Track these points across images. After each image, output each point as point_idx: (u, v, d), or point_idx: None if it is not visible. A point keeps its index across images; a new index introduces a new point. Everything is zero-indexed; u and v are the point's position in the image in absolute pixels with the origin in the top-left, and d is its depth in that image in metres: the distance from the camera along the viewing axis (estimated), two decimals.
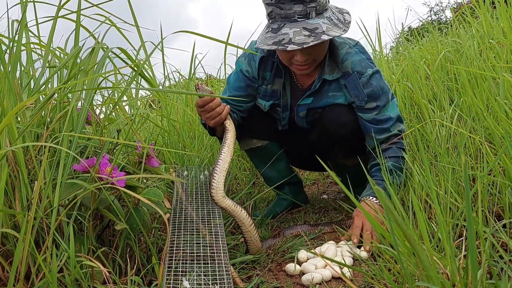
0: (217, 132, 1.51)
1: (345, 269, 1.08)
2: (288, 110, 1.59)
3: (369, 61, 1.46)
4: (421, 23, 4.61)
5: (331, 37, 1.28)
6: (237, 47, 1.74)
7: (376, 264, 1.01)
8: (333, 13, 1.35)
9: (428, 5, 9.78)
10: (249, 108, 1.61)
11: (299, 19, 1.29)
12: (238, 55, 1.67)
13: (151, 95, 2.40)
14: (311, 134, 1.58)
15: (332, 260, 0.74)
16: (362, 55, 1.46)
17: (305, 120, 1.57)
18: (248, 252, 1.30)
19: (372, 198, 1.35)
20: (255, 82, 1.57)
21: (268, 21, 1.36)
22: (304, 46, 1.26)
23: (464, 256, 0.73)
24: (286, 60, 1.42)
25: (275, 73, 1.54)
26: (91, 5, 1.36)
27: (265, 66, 1.54)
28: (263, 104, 1.59)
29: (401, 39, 3.41)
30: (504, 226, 0.93)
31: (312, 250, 1.26)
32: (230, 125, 1.35)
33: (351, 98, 1.45)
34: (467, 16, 2.36)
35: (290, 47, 1.27)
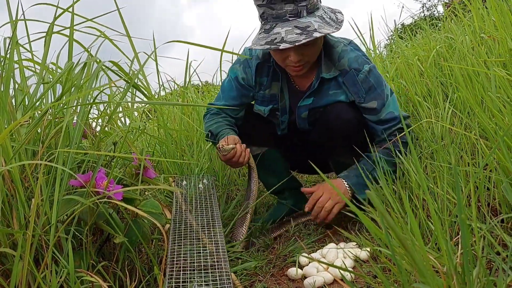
0: None
1: (347, 271, 1.07)
2: (287, 113, 1.59)
3: (365, 58, 1.47)
4: (413, 19, 4.62)
5: (323, 34, 1.29)
6: (232, 53, 1.74)
7: (377, 265, 1.00)
8: (325, 12, 1.36)
9: (421, 1, 9.80)
10: (241, 116, 1.63)
11: (290, 18, 1.30)
12: (234, 61, 1.67)
13: (146, 106, 2.40)
14: (312, 134, 1.58)
15: (331, 265, 0.74)
16: (357, 52, 1.47)
17: (307, 121, 1.57)
18: None
19: (343, 180, 1.44)
20: (250, 90, 1.58)
21: (261, 22, 1.37)
22: (296, 44, 1.27)
23: (461, 254, 0.73)
24: (280, 61, 1.43)
25: (272, 77, 1.54)
26: (85, 19, 1.37)
27: (261, 72, 1.55)
28: (263, 110, 1.59)
29: (394, 36, 3.41)
30: (502, 221, 0.93)
31: (310, 256, 1.25)
32: (253, 165, 1.57)
33: (351, 96, 1.46)
34: (458, 12, 2.36)
35: (283, 46, 1.28)
